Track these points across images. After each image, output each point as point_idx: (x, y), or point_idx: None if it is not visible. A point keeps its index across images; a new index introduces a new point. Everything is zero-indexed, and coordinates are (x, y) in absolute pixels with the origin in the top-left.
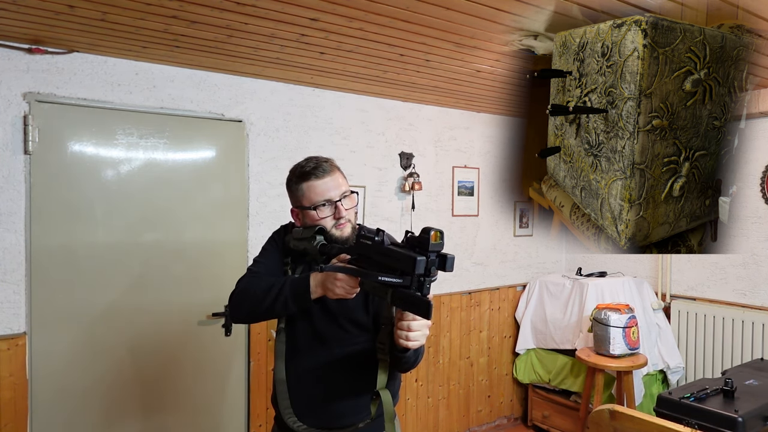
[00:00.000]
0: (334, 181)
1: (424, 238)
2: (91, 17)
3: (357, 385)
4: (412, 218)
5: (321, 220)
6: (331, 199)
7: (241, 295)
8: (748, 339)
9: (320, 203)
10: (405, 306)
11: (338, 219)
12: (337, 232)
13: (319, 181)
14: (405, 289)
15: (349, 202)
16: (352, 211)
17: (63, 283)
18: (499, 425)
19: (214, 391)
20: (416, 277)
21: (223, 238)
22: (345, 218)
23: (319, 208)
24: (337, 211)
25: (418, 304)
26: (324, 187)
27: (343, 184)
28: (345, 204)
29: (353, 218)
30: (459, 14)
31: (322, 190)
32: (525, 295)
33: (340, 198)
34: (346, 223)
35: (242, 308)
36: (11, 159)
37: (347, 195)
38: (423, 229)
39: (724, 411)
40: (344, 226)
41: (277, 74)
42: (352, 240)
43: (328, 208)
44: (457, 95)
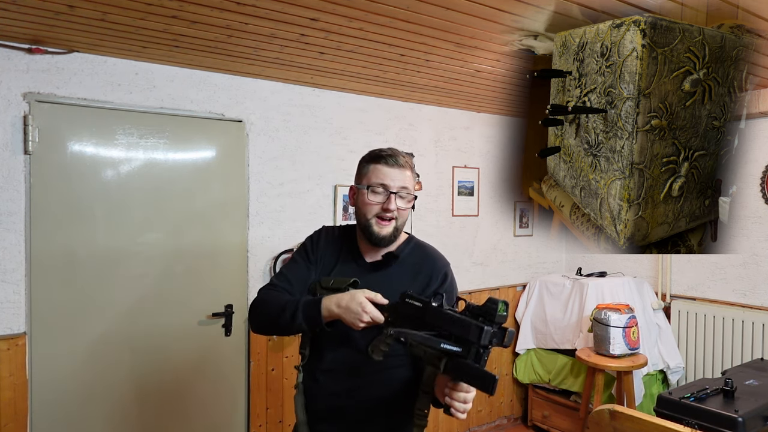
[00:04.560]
0: (401, 174)
1: (490, 308)
2: (91, 17)
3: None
4: (412, 218)
5: (369, 205)
6: (387, 186)
7: (257, 308)
8: (748, 339)
9: (376, 186)
10: (464, 377)
11: (385, 211)
12: (376, 228)
13: (386, 168)
14: (462, 359)
15: (404, 203)
16: (404, 213)
17: (63, 282)
18: (499, 425)
19: (214, 391)
20: (476, 348)
21: (223, 238)
22: (392, 214)
23: (373, 190)
24: (387, 202)
25: (482, 378)
26: (388, 173)
27: (409, 184)
28: (399, 201)
29: (400, 223)
30: (459, 14)
31: (384, 174)
32: (525, 295)
33: (398, 191)
34: (391, 221)
35: (257, 321)
36: (11, 159)
37: (406, 196)
38: (489, 299)
39: (724, 411)
40: (387, 224)
41: (277, 74)
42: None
43: (381, 195)
44: (457, 95)
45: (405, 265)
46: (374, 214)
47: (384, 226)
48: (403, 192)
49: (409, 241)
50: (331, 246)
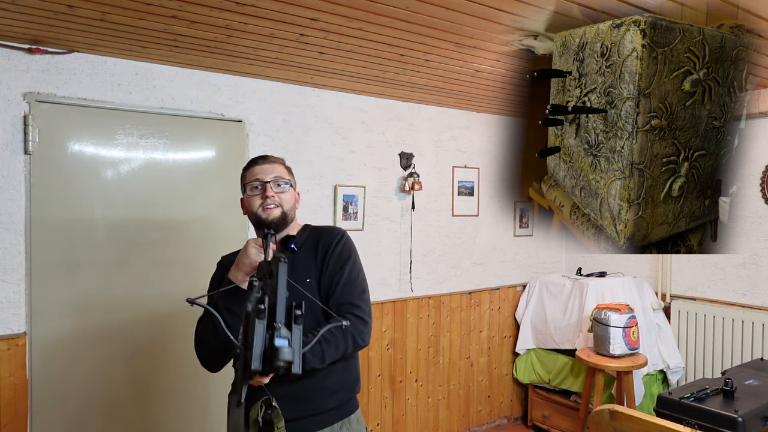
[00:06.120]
0: (271, 167)
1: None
2: (90, 17)
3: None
4: (412, 218)
5: (251, 198)
6: (261, 179)
7: (197, 348)
8: (748, 339)
9: (253, 183)
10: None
11: (265, 199)
12: (263, 214)
13: (256, 167)
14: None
15: (281, 188)
16: (287, 198)
17: (63, 283)
18: (499, 425)
19: (214, 390)
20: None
21: (223, 239)
22: (272, 200)
23: (250, 187)
24: (265, 190)
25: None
26: (258, 170)
27: (281, 173)
28: (276, 188)
29: (287, 208)
30: (459, 14)
31: (256, 172)
32: (525, 295)
33: (271, 180)
34: (275, 207)
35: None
36: (11, 159)
37: (280, 184)
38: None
39: (724, 411)
40: (271, 210)
41: (277, 74)
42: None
43: (259, 188)
44: (457, 95)
45: (305, 247)
46: (259, 205)
47: (270, 211)
48: (277, 180)
49: (305, 228)
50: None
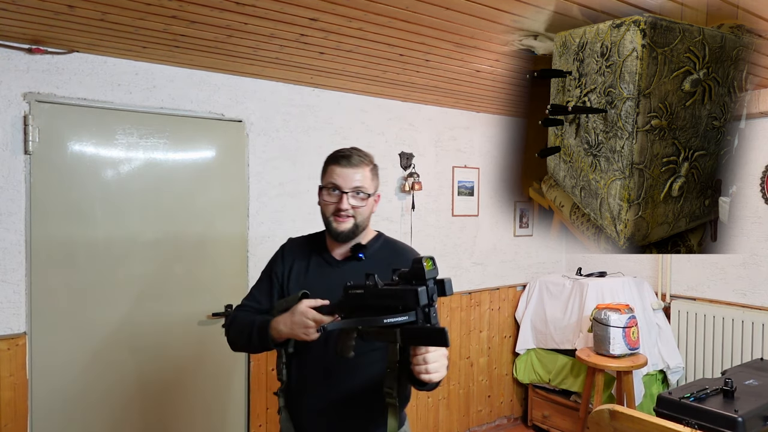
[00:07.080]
0: (354, 174)
1: (417, 269)
2: (90, 17)
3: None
4: (412, 218)
5: (325, 204)
6: (339, 187)
7: (229, 330)
8: (748, 339)
9: (330, 187)
10: (420, 341)
11: (338, 210)
12: (334, 224)
13: (338, 168)
14: (413, 325)
15: (358, 201)
16: (362, 210)
17: (63, 283)
18: (499, 425)
19: (214, 391)
20: (421, 309)
21: (224, 239)
22: (346, 213)
23: (326, 189)
24: (340, 202)
25: (432, 334)
26: (340, 174)
27: (361, 182)
28: (351, 199)
29: (360, 220)
30: (459, 14)
31: (336, 175)
32: (525, 295)
33: (349, 191)
34: (347, 218)
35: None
36: (11, 159)
37: (360, 194)
38: (414, 260)
39: (724, 411)
40: (343, 221)
41: (277, 74)
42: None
43: (335, 195)
44: (457, 95)
45: (376, 259)
46: (331, 213)
47: (341, 222)
48: (356, 190)
49: (379, 237)
50: (299, 253)
